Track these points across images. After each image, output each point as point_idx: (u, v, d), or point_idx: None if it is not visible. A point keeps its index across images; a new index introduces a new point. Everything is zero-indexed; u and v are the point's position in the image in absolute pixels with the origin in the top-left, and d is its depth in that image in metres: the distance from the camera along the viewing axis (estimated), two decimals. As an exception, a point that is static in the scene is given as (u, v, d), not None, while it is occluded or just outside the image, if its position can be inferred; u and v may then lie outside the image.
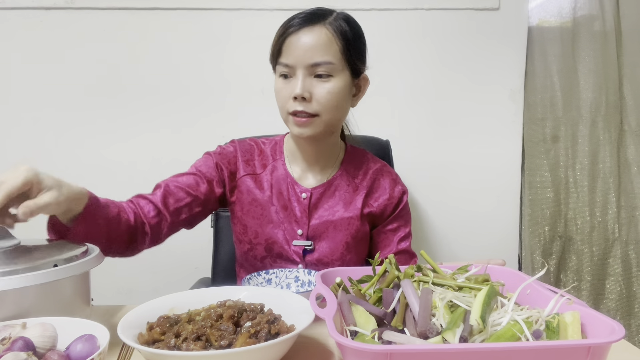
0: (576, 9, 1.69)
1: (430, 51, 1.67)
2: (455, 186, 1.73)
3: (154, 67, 1.62)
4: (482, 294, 0.58)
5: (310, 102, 0.96)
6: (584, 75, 1.70)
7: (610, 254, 1.70)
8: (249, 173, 1.08)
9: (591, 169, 1.72)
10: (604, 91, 1.69)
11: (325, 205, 1.07)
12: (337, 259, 1.05)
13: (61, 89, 1.62)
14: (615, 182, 1.70)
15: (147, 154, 1.65)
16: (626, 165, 1.70)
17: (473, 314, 0.55)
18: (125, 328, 0.61)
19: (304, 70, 0.95)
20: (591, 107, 1.70)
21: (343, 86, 0.98)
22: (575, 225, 1.74)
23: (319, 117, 0.97)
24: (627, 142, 1.70)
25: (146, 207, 0.97)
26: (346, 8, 1.65)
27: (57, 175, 0.75)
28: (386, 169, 1.14)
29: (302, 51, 0.94)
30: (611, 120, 1.70)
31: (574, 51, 1.70)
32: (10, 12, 1.58)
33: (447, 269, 0.73)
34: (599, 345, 0.49)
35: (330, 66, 0.95)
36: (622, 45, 1.68)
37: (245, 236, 1.07)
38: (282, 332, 0.62)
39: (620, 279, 1.69)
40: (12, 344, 0.54)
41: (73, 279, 0.66)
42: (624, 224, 1.70)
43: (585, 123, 1.71)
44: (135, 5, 1.59)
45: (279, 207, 1.06)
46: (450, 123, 1.70)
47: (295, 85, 0.95)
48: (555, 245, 1.76)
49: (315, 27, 0.95)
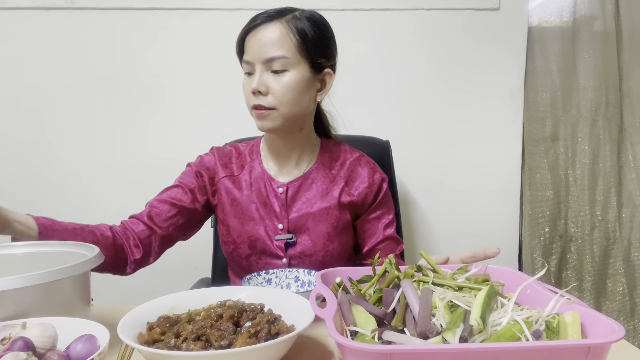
0: (576, 9, 1.69)
1: (431, 51, 1.67)
2: (455, 186, 1.73)
3: (154, 67, 1.63)
4: (482, 294, 0.58)
5: (266, 95, 1.00)
6: (584, 74, 1.70)
7: (611, 254, 1.70)
8: (227, 175, 1.11)
9: (591, 168, 1.72)
10: (603, 90, 1.69)
11: (303, 198, 1.09)
12: (319, 249, 1.07)
13: (61, 89, 1.62)
14: (616, 180, 1.70)
15: (148, 154, 1.65)
16: (627, 163, 1.70)
17: (473, 314, 0.55)
18: (125, 328, 0.61)
19: (261, 66, 0.99)
20: (591, 106, 1.70)
21: (299, 80, 1.00)
22: (576, 224, 1.74)
23: (276, 111, 1.00)
24: (627, 140, 1.70)
25: (134, 224, 1.05)
26: (346, 8, 1.67)
27: (57, 176, 0.76)
28: (364, 159, 1.15)
29: (258, 47, 0.99)
30: (611, 119, 1.70)
31: (574, 51, 1.70)
32: (10, 12, 1.58)
33: (447, 269, 0.73)
34: (598, 346, 0.49)
35: (284, 60, 0.98)
36: (622, 45, 1.68)
37: (229, 236, 1.09)
38: (282, 332, 0.62)
39: (622, 279, 1.69)
40: (12, 344, 0.54)
41: (73, 279, 0.66)
42: (625, 223, 1.69)
43: (585, 122, 1.71)
44: (136, 6, 1.59)
45: (259, 204, 1.09)
46: (450, 123, 1.70)
47: (253, 80, 1.00)
48: (555, 244, 1.76)
49: (271, 24, 0.99)
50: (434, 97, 1.69)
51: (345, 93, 1.66)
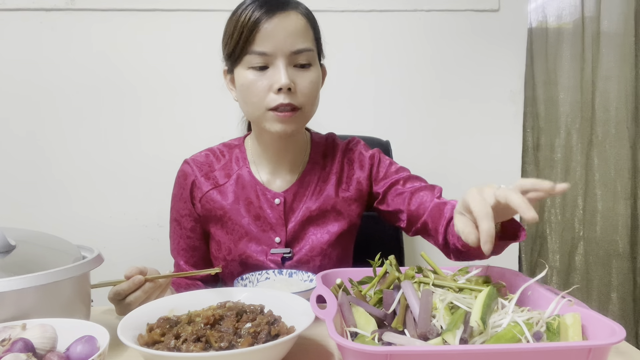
0: (576, 11, 1.69)
1: (431, 52, 1.67)
2: (455, 186, 1.72)
3: (155, 68, 1.62)
4: (483, 295, 0.58)
5: (295, 93, 0.87)
6: (585, 74, 1.71)
7: (576, 252, 1.79)
8: (212, 187, 1.01)
9: (590, 169, 1.75)
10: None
11: (301, 205, 1.00)
12: (317, 255, 1.00)
13: (61, 90, 1.61)
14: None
15: (148, 154, 1.65)
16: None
17: (473, 316, 0.55)
18: (125, 329, 0.61)
19: (284, 59, 0.86)
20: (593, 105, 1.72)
21: (319, 76, 0.93)
22: (550, 225, 1.81)
23: (301, 111, 0.90)
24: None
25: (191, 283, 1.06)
26: (347, 9, 1.66)
27: (56, 176, 0.76)
28: (351, 145, 1.07)
29: (282, 37, 0.86)
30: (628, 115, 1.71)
31: (573, 51, 1.71)
32: (10, 13, 1.58)
33: (448, 271, 0.73)
34: (599, 347, 0.49)
35: (310, 54, 0.89)
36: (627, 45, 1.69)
37: (220, 253, 1.02)
38: (282, 333, 0.61)
39: (583, 273, 1.80)
40: (12, 345, 0.54)
41: (73, 280, 0.66)
42: (586, 224, 1.78)
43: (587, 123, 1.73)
44: (136, 7, 1.59)
45: (250, 218, 0.99)
46: (451, 124, 1.70)
47: (277, 76, 0.86)
48: (535, 244, 1.81)
49: (291, 13, 0.88)
50: (434, 97, 1.69)
51: (346, 93, 1.66)
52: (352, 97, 1.66)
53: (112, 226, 1.64)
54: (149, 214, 1.62)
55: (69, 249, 0.74)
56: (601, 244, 1.75)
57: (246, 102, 0.93)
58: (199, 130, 1.65)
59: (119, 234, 1.63)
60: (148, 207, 1.62)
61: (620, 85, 1.69)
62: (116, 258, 1.17)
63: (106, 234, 1.62)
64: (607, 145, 1.73)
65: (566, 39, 1.70)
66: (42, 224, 1.62)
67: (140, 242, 1.64)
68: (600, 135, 1.73)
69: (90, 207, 1.64)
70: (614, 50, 1.69)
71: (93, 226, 1.63)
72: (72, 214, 1.64)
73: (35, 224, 1.61)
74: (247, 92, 0.90)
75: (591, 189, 1.75)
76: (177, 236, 1.06)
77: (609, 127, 1.73)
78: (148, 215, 1.62)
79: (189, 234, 1.05)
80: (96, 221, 1.64)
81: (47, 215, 1.63)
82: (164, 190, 1.13)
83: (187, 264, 1.06)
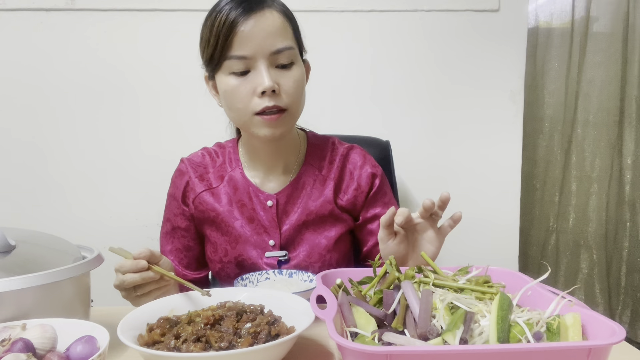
0: (575, 11, 1.70)
1: (430, 52, 1.67)
2: (455, 187, 1.72)
3: (155, 68, 1.62)
4: (494, 311, 0.55)
5: (279, 95, 0.85)
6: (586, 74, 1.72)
7: (549, 242, 1.99)
8: (205, 189, 1.00)
9: (590, 172, 1.78)
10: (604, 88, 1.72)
11: (295, 208, 0.98)
12: (316, 261, 0.97)
13: (61, 90, 1.61)
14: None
15: (148, 155, 1.65)
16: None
17: (491, 338, 0.52)
18: (125, 329, 0.61)
19: (265, 61, 0.84)
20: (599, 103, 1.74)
21: (303, 73, 0.90)
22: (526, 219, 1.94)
23: (288, 112, 0.87)
24: None
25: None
26: (346, 10, 1.66)
27: (55, 176, 0.75)
28: (353, 153, 1.03)
29: (260, 39, 0.83)
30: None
31: (572, 52, 1.71)
32: (11, 13, 1.58)
33: (448, 271, 0.73)
34: (599, 347, 0.49)
35: (291, 52, 0.86)
36: (628, 44, 1.69)
37: (216, 255, 1.01)
38: (282, 333, 0.61)
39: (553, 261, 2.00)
40: (11, 346, 0.54)
41: (73, 280, 0.66)
42: (560, 218, 1.96)
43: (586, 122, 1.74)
44: (136, 7, 1.59)
45: (244, 221, 0.98)
46: (451, 123, 1.70)
47: (260, 79, 0.84)
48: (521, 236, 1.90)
49: (265, 11, 0.84)
50: (434, 98, 1.69)
51: (346, 93, 1.66)
52: (352, 97, 1.66)
53: (112, 226, 1.64)
54: (148, 214, 1.62)
55: (69, 249, 0.74)
56: (572, 235, 1.95)
57: (231, 109, 0.91)
58: (199, 131, 1.65)
59: (119, 234, 1.63)
60: (148, 207, 1.62)
61: (603, 89, 1.74)
62: (116, 258, 1.17)
63: (106, 234, 1.62)
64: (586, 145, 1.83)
65: (566, 38, 1.70)
66: (42, 224, 1.62)
67: (140, 242, 1.62)
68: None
69: (90, 207, 1.64)
70: (603, 52, 1.71)
71: (93, 226, 1.63)
72: (72, 214, 1.64)
73: (35, 224, 1.61)
74: (231, 99, 0.88)
75: (567, 186, 1.88)
76: (170, 236, 1.05)
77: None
78: (148, 216, 1.62)
79: (184, 234, 1.03)
80: (96, 221, 1.64)
81: (47, 215, 1.63)
82: (163, 190, 1.13)
83: (180, 264, 1.04)
